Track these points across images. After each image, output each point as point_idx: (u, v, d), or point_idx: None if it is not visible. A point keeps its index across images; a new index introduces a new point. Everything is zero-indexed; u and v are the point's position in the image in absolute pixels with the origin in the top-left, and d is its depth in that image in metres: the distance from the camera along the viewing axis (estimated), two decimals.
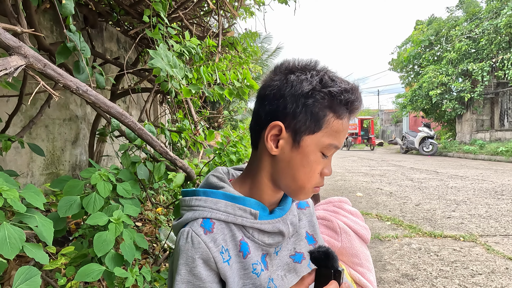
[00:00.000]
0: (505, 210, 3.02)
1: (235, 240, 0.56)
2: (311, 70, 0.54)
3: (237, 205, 0.56)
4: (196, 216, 0.55)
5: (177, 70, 1.01)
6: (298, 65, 0.55)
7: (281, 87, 0.53)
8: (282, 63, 0.57)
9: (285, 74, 0.54)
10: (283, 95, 0.52)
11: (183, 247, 0.53)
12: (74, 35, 1.02)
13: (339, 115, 0.53)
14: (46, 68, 0.60)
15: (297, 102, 0.52)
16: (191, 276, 0.52)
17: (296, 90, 0.52)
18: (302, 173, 0.54)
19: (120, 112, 0.79)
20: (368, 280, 1.26)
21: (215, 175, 0.61)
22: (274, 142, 0.54)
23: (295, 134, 0.53)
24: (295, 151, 0.54)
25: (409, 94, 12.95)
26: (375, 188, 4.34)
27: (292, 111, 0.52)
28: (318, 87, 0.52)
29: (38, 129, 1.91)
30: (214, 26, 3.14)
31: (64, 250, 1.11)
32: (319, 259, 0.47)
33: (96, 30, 2.49)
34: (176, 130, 1.80)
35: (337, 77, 0.54)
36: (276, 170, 0.56)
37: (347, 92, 0.52)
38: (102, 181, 1.03)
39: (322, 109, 0.52)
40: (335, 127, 0.53)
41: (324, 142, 0.53)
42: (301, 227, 0.66)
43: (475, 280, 1.62)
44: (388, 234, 2.35)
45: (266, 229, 0.57)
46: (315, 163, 0.54)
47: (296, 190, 0.56)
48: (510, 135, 9.51)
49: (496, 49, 10.31)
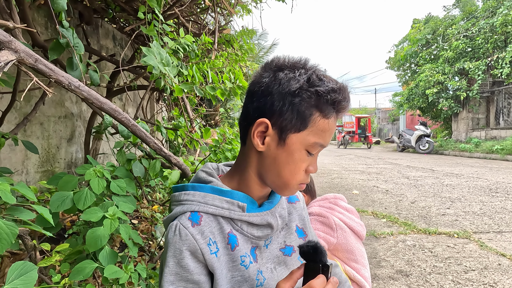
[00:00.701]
0: (498, 207, 3.05)
1: (223, 233, 0.57)
2: (300, 68, 0.54)
3: (225, 198, 0.57)
4: (184, 210, 0.56)
5: (170, 68, 1.01)
6: (287, 62, 0.55)
7: (269, 84, 0.53)
8: (272, 60, 0.57)
9: (274, 72, 0.54)
10: (271, 92, 0.53)
11: (171, 239, 0.54)
12: (67, 31, 1.01)
13: (325, 114, 0.53)
14: (37, 63, 0.59)
15: (284, 100, 0.52)
16: (179, 267, 0.53)
17: (283, 88, 0.52)
18: (287, 170, 0.55)
19: (113, 108, 0.78)
20: (363, 276, 1.27)
21: (204, 170, 0.62)
22: (260, 139, 0.55)
23: (281, 131, 0.53)
24: (280, 149, 0.54)
25: (406, 93, 13.00)
26: (371, 186, 4.36)
27: (279, 109, 0.53)
28: (305, 86, 0.52)
29: (33, 127, 1.90)
30: (210, 24, 3.13)
31: (58, 247, 1.11)
32: (307, 254, 0.48)
33: (92, 27, 2.47)
34: (172, 127, 1.80)
35: (326, 76, 0.54)
36: (262, 166, 0.57)
37: (335, 92, 0.52)
38: (96, 177, 1.02)
39: (309, 108, 0.52)
40: (321, 126, 0.53)
41: (310, 141, 0.54)
42: (291, 220, 0.67)
43: (468, 276, 1.64)
44: (384, 231, 2.37)
45: (255, 222, 0.58)
46: (300, 161, 0.55)
47: (281, 186, 0.57)
48: (505, 133, 9.59)
49: (492, 48, 10.37)
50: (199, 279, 0.54)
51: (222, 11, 2.66)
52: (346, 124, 17.84)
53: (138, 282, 1.11)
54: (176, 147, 2.96)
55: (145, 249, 1.70)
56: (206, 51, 2.46)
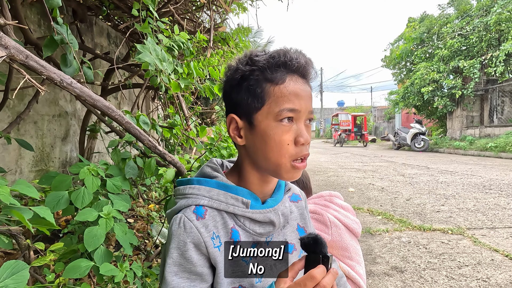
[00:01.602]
0: (492, 204, 3.09)
1: (226, 228, 0.58)
2: (242, 59, 0.57)
3: (230, 193, 0.58)
4: (189, 203, 0.57)
5: (166, 64, 1.00)
6: (235, 61, 0.58)
7: (225, 85, 0.59)
8: (228, 65, 0.60)
9: (225, 75, 0.59)
10: (227, 91, 0.58)
11: (175, 231, 0.55)
12: (61, 28, 1.00)
13: (276, 81, 0.54)
14: (28, 60, 0.59)
15: (237, 90, 0.56)
16: (183, 259, 0.54)
17: (233, 82, 0.56)
18: (269, 150, 0.54)
19: (107, 106, 0.78)
20: (357, 273, 1.28)
21: (209, 165, 0.63)
22: (235, 133, 0.58)
23: (248, 118, 0.56)
24: (254, 133, 0.56)
25: (401, 91, 13.08)
26: (367, 184, 4.39)
27: (237, 100, 0.56)
28: (247, 69, 0.55)
29: (26, 125, 1.88)
30: (206, 21, 3.12)
31: (53, 246, 1.10)
32: (308, 245, 0.49)
33: (86, 24, 2.44)
34: (168, 125, 1.79)
35: (266, 52, 0.56)
36: (251, 157, 0.58)
37: (273, 57, 0.54)
38: (90, 176, 1.02)
39: (257, 84, 0.54)
40: (278, 93, 0.53)
41: (274, 111, 0.53)
42: (293, 219, 0.68)
43: (462, 271, 1.66)
44: (379, 228, 2.39)
45: (257, 219, 0.58)
46: (277, 135, 0.53)
47: (275, 169, 0.56)
48: (499, 131, 9.70)
49: (486, 47, 10.47)
50: (202, 271, 0.55)
51: (218, 9, 2.65)
52: (342, 123, 17.91)
53: (133, 281, 1.11)
54: (172, 146, 2.95)
55: (141, 248, 1.69)
56: (201, 49, 2.45)
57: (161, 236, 1.72)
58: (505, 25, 9.93)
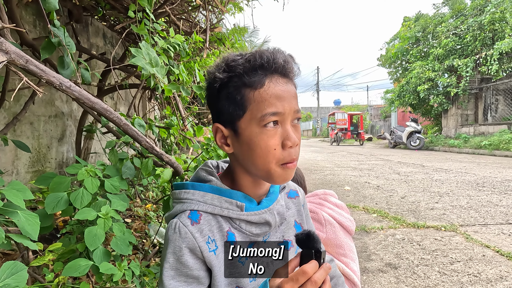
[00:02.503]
0: (485, 201, 3.14)
1: (222, 231, 0.58)
2: (221, 66, 0.55)
3: (224, 197, 0.58)
4: (184, 208, 0.58)
5: (158, 69, 1.02)
6: (212, 67, 0.58)
7: (207, 96, 0.58)
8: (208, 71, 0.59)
9: (206, 81, 0.59)
10: (209, 101, 0.58)
11: (171, 237, 0.56)
12: (58, 30, 1.01)
13: (255, 86, 0.52)
14: (28, 64, 0.60)
15: (218, 99, 0.55)
16: (179, 263, 0.55)
17: (212, 91, 0.56)
18: (256, 157, 0.53)
19: (105, 108, 0.79)
20: (352, 269, 1.31)
21: (204, 168, 0.64)
22: (222, 142, 0.58)
23: (232, 126, 0.55)
24: (240, 141, 0.55)
25: (397, 90, 13.17)
26: (363, 182, 4.43)
27: (219, 109, 0.56)
28: (225, 76, 0.54)
29: (22, 126, 1.88)
30: (202, 22, 3.12)
31: (51, 246, 1.12)
32: (302, 241, 0.50)
33: (81, 25, 2.44)
34: (164, 126, 1.81)
35: (242, 54, 0.54)
36: (241, 164, 0.58)
37: (248, 61, 0.52)
38: (89, 177, 1.03)
39: (236, 91, 0.53)
40: (259, 98, 0.52)
41: (257, 116, 0.52)
42: (290, 215, 0.68)
43: (454, 267, 1.70)
44: (374, 225, 2.42)
45: (253, 220, 0.59)
46: (263, 141, 0.52)
47: (264, 174, 0.55)
48: (493, 129, 9.82)
49: (480, 46, 10.58)
50: (198, 275, 0.56)
51: (214, 9, 2.66)
52: (338, 121, 18.00)
53: (131, 280, 1.13)
54: (169, 146, 2.96)
55: (139, 248, 1.71)
56: (198, 49, 2.46)
57: (159, 236, 1.74)
58: (499, 24, 10.05)
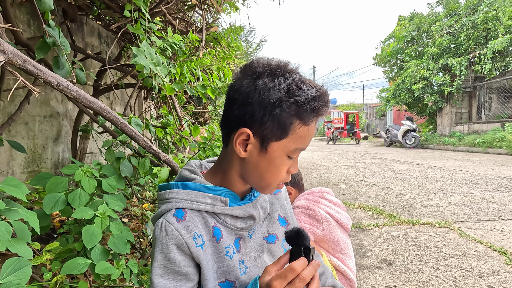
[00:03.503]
0: (478, 198, 3.19)
1: (208, 227, 0.60)
2: (279, 76, 0.53)
3: (208, 194, 0.60)
4: (169, 208, 0.59)
5: (161, 68, 1.02)
6: (266, 68, 0.54)
7: (249, 93, 0.53)
8: (251, 64, 0.56)
9: (254, 79, 0.54)
10: (251, 102, 0.53)
11: (158, 236, 0.57)
12: (53, 30, 1.01)
13: (305, 122, 0.54)
14: (26, 64, 0.60)
15: (264, 110, 0.53)
16: (167, 261, 0.56)
17: (263, 98, 0.52)
18: (269, 174, 0.57)
19: (102, 107, 0.80)
20: (348, 266, 1.33)
21: (187, 168, 0.65)
22: (242, 146, 0.56)
23: (263, 140, 0.55)
24: (262, 156, 0.56)
25: (392, 89, 13.27)
26: (358, 180, 4.47)
27: (259, 119, 0.53)
28: (285, 97, 0.52)
29: (17, 126, 1.87)
30: (198, 21, 3.12)
31: (49, 246, 1.12)
32: (291, 238, 0.52)
33: (76, 24, 2.43)
34: (161, 125, 1.81)
35: (306, 83, 0.54)
36: (245, 170, 0.59)
37: (314, 100, 0.53)
38: (86, 177, 1.04)
39: (289, 117, 0.53)
40: (301, 133, 0.55)
41: (290, 147, 0.56)
42: (274, 210, 0.71)
43: (447, 262, 1.73)
44: (370, 223, 2.45)
45: (237, 214, 0.61)
46: (281, 166, 0.57)
47: (263, 187, 0.60)
48: (487, 127, 9.95)
49: (474, 44, 10.70)
50: (186, 271, 0.57)
51: (209, 8, 2.67)
52: (335, 120, 18.08)
53: (129, 278, 1.13)
54: (165, 145, 2.96)
55: (136, 247, 1.71)
56: (194, 49, 2.46)
57: None
58: (492, 23, 10.17)
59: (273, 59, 0.57)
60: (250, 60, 0.58)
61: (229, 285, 0.61)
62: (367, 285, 1.51)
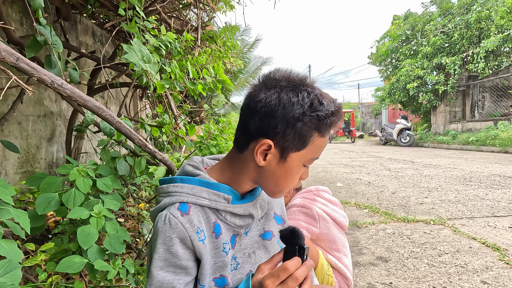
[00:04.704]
0: (472, 195, 3.24)
1: (209, 222, 0.61)
2: (302, 90, 0.56)
3: (212, 190, 0.61)
4: (173, 201, 0.59)
5: (151, 65, 1.02)
6: (290, 83, 0.57)
7: (273, 106, 0.55)
8: (274, 76, 0.58)
9: (277, 92, 0.56)
10: (274, 115, 0.55)
11: (161, 228, 0.57)
12: (44, 29, 1.00)
13: (323, 134, 0.58)
14: (19, 62, 0.60)
15: (287, 124, 0.55)
16: (168, 254, 0.57)
17: (287, 112, 0.55)
18: (284, 181, 0.61)
19: (97, 106, 0.79)
20: (344, 264, 1.33)
21: (191, 164, 0.66)
22: (262, 156, 0.58)
23: (283, 151, 0.58)
24: (281, 165, 0.59)
25: (387, 87, 13.36)
26: (354, 179, 4.50)
27: (282, 131, 0.56)
28: (308, 112, 0.55)
29: (10, 126, 1.85)
30: (193, 20, 3.11)
31: (43, 246, 1.11)
32: (286, 237, 0.52)
33: (70, 22, 2.40)
34: (157, 124, 1.80)
35: (325, 98, 0.57)
36: (261, 177, 0.61)
37: (333, 115, 0.57)
38: (81, 177, 1.03)
39: (309, 130, 0.57)
40: (318, 144, 0.59)
41: (307, 157, 0.59)
42: (270, 209, 0.72)
43: (442, 259, 1.75)
44: (365, 221, 2.47)
45: (238, 212, 0.62)
46: (296, 174, 0.61)
47: (276, 192, 0.63)
48: (480, 125, 10.08)
49: (467, 44, 10.82)
50: (186, 265, 0.58)
51: (205, 7, 2.65)
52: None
53: (126, 278, 1.13)
54: (161, 145, 2.94)
55: (132, 247, 1.70)
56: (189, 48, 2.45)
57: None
58: (485, 23, 10.29)
59: (292, 72, 0.59)
60: (269, 71, 0.60)
61: (223, 281, 0.62)
62: (363, 282, 1.53)
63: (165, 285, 0.56)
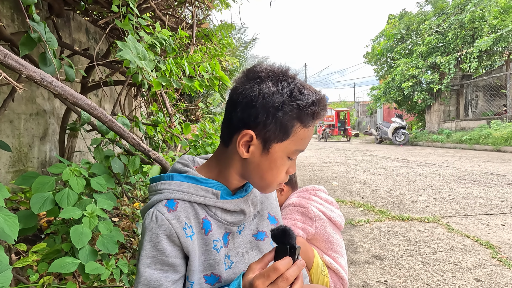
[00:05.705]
0: (465, 193, 3.27)
1: (198, 218, 0.60)
2: (282, 81, 0.56)
3: (200, 186, 0.60)
4: (161, 198, 0.59)
5: (147, 62, 1.00)
6: (270, 73, 0.57)
7: (253, 97, 0.55)
8: (254, 69, 0.58)
9: (258, 83, 0.56)
10: (255, 105, 0.55)
11: (148, 225, 0.57)
12: (38, 25, 0.98)
13: (305, 124, 0.57)
14: (7, 59, 0.58)
15: (268, 113, 0.55)
16: (155, 251, 0.56)
17: (267, 102, 0.55)
18: (269, 174, 0.59)
19: (89, 104, 0.78)
20: (340, 264, 1.33)
21: (180, 161, 0.65)
22: (245, 147, 0.58)
23: (265, 142, 0.57)
24: (264, 156, 0.58)
25: (382, 86, 13.44)
26: (350, 177, 4.52)
27: (263, 121, 0.55)
28: (288, 101, 0.55)
29: (2, 125, 1.81)
30: (188, 17, 3.08)
31: (35, 247, 1.09)
32: (277, 236, 0.51)
33: (63, 19, 2.36)
34: (151, 123, 1.78)
35: (306, 88, 0.57)
36: (246, 170, 0.61)
37: (314, 104, 0.56)
38: (74, 176, 1.01)
39: (291, 120, 0.56)
40: (301, 135, 0.58)
41: (291, 149, 0.58)
42: (264, 208, 0.72)
43: (436, 256, 1.76)
44: (361, 219, 2.48)
45: (229, 208, 0.62)
46: (281, 166, 0.60)
47: (263, 186, 0.62)
48: (473, 124, 10.20)
49: (461, 43, 10.92)
50: (174, 262, 0.57)
51: (200, 4, 2.63)
52: (326, 118, 18.21)
53: (120, 278, 1.12)
54: (156, 143, 2.92)
55: (127, 246, 1.69)
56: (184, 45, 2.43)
57: None
58: (478, 22, 10.40)
59: (274, 65, 0.59)
60: (252, 65, 0.60)
61: (214, 279, 0.61)
62: (359, 280, 1.53)
63: (152, 283, 0.56)
